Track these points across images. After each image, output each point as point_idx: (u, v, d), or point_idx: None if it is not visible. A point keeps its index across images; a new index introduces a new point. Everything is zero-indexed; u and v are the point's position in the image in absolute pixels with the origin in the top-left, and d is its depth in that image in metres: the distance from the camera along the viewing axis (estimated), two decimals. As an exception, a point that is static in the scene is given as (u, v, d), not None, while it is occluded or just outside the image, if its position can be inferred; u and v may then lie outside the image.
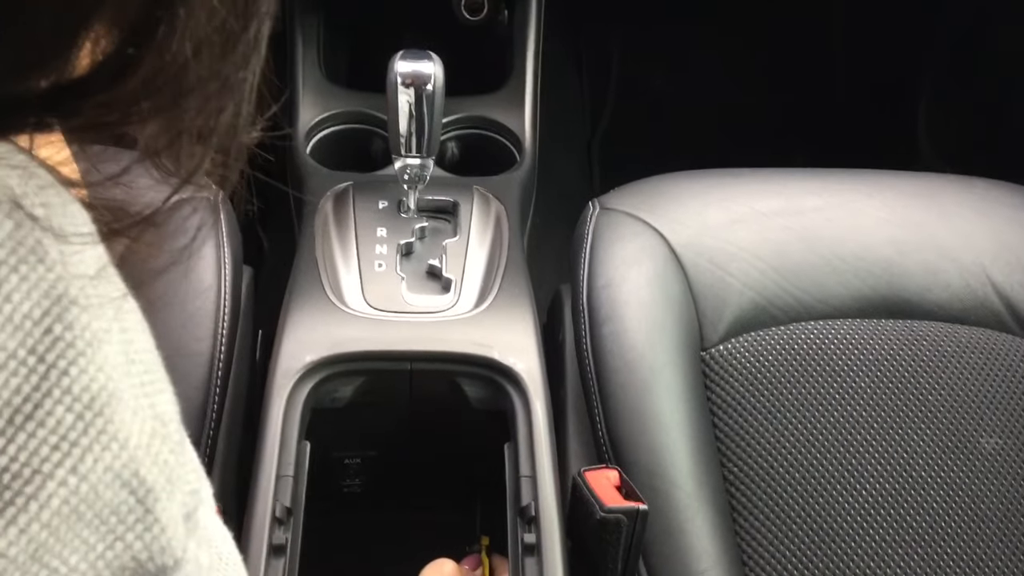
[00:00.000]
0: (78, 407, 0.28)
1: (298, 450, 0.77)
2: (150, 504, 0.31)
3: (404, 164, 0.95)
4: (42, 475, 0.28)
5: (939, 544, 0.87)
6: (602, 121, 1.84)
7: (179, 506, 0.32)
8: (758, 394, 0.91)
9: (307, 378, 0.82)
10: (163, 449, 0.32)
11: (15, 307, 0.28)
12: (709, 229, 0.99)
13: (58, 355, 0.28)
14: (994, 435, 0.92)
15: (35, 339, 0.28)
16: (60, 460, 0.28)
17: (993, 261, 1.00)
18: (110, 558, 0.30)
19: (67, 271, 0.29)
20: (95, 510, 0.29)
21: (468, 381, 0.85)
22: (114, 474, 0.29)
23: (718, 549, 0.83)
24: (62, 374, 0.28)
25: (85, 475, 0.29)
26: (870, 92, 1.83)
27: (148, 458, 0.31)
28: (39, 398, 0.28)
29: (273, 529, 0.72)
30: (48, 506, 0.28)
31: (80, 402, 0.29)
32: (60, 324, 0.28)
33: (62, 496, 0.28)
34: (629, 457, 0.86)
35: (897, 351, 0.95)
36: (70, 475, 0.28)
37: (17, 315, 0.28)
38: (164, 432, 0.32)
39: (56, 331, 0.28)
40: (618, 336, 0.92)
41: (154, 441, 0.31)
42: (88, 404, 0.29)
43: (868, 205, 1.03)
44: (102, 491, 0.29)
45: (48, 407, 0.28)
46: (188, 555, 0.32)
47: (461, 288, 0.91)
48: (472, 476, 0.92)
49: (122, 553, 0.30)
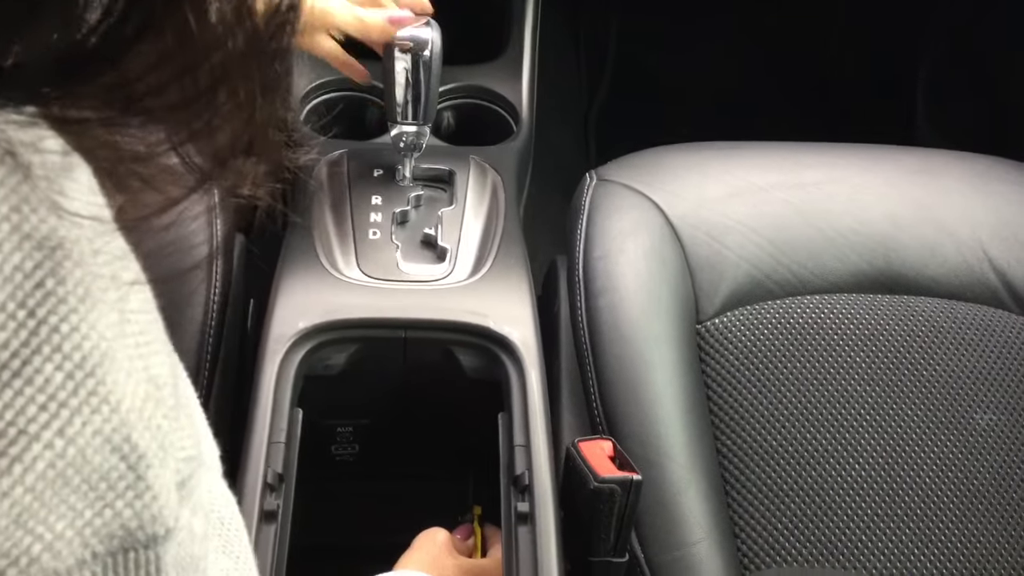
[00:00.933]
0: (68, 366, 0.27)
1: (290, 416, 0.77)
2: (141, 470, 0.29)
3: (400, 131, 0.94)
4: (27, 436, 0.26)
5: (931, 519, 0.87)
6: (599, 95, 1.83)
7: (172, 473, 0.31)
8: (753, 368, 0.91)
9: (300, 344, 0.81)
10: (156, 413, 0.30)
11: (5, 257, 0.26)
12: (707, 202, 0.98)
13: (49, 310, 0.27)
14: (988, 411, 0.92)
15: (25, 292, 0.27)
16: (47, 421, 0.27)
17: (991, 238, 1.00)
18: (98, 525, 0.29)
19: (62, 223, 0.28)
20: (83, 475, 0.28)
21: (462, 350, 0.85)
22: (104, 438, 0.28)
23: (710, 521, 0.83)
24: (53, 330, 0.27)
25: (73, 438, 0.27)
26: (870, 70, 1.82)
27: (141, 422, 0.29)
28: (28, 354, 0.26)
29: (264, 495, 0.72)
30: (33, 469, 0.27)
31: (71, 360, 0.27)
32: (53, 278, 0.27)
33: (48, 459, 0.27)
34: (623, 429, 0.85)
35: (893, 326, 0.95)
36: (57, 437, 0.27)
37: (7, 266, 0.26)
38: (158, 396, 0.31)
39: (48, 285, 0.27)
40: (614, 308, 0.91)
41: (147, 405, 0.30)
42: (79, 363, 0.27)
43: (867, 180, 1.03)
44: (91, 455, 0.28)
45: (37, 364, 0.27)
46: (181, 523, 0.31)
47: (456, 257, 0.91)
48: (465, 445, 0.92)
49: (111, 520, 0.29)
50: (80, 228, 0.28)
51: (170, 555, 0.31)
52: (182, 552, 0.32)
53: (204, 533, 0.34)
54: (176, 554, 0.31)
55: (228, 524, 0.40)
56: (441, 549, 0.79)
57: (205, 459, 0.34)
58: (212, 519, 0.35)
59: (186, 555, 0.32)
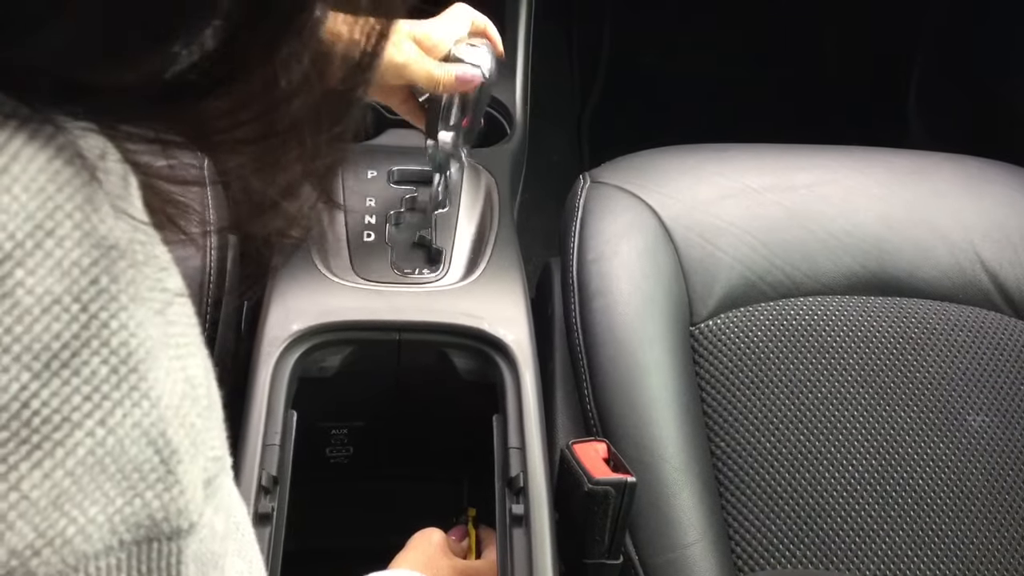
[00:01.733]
0: (114, 360, 0.28)
1: (284, 419, 0.77)
2: (173, 465, 0.30)
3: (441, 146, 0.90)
4: (71, 423, 0.28)
5: (924, 521, 0.87)
6: (592, 97, 1.83)
7: (200, 470, 0.32)
8: (747, 370, 0.91)
9: (294, 347, 0.81)
10: (191, 412, 0.31)
11: (66, 252, 0.28)
12: (700, 204, 0.99)
13: (101, 306, 0.28)
14: (981, 413, 0.92)
15: (81, 287, 0.28)
16: (90, 411, 0.28)
17: (983, 240, 1.00)
18: (127, 513, 0.30)
19: (119, 224, 0.29)
20: (119, 464, 0.29)
21: (457, 352, 0.85)
22: (142, 431, 0.29)
23: (704, 523, 0.83)
24: (102, 325, 0.28)
25: (113, 428, 0.29)
26: (863, 72, 1.83)
27: (176, 419, 0.31)
28: (77, 346, 0.28)
29: (259, 497, 0.71)
30: (74, 454, 0.28)
31: (117, 355, 0.28)
32: (107, 276, 0.28)
33: (88, 446, 0.28)
34: (617, 431, 0.85)
35: (886, 329, 0.95)
36: (98, 427, 0.28)
37: (67, 261, 0.28)
38: (194, 395, 0.32)
39: (103, 282, 0.28)
40: (607, 310, 0.91)
41: (184, 403, 0.31)
42: (124, 359, 0.29)
43: (860, 182, 1.03)
44: (128, 446, 0.29)
45: (85, 357, 0.28)
46: (204, 520, 0.32)
47: (450, 259, 0.90)
48: (459, 447, 0.92)
49: (140, 510, 0.30)
50: (135, 232, 0.30)
51: (192, 549, 0.32)
52: (203, 548, 0.33)
53: (225, 532, 0.35)
54: (197, 549, 0.32)
55: (242, 528, 0.41)
56: (436, 549, 0.79)
57: (225, 461, 0.35)
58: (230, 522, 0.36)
59: (207, 551, 0.33)
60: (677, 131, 1.21)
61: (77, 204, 0.28)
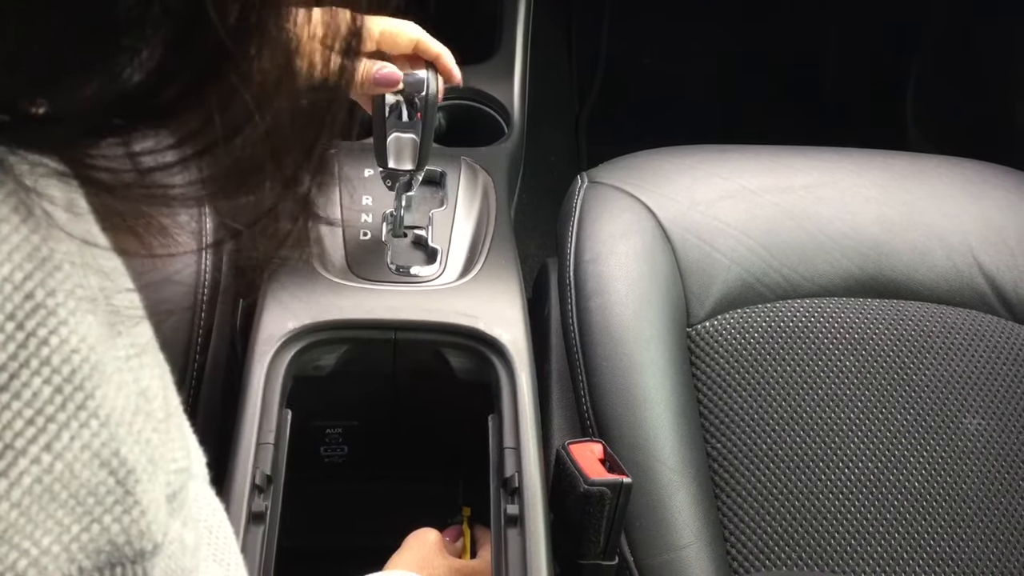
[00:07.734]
0: (57, 379, 0.27)
1: (279, 417, 0.76)
2: (130, 485, 0.29)
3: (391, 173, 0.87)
4: (14, 451, 0.26)
5: (920, 522, 0.87)
6: (590, 97, 1.83)
7: (162, 487, 0.31)
8: (743, 371, 0.91)
9: (289, 345, 0.81)
10: (146, 427, 0.30)
11: None
12: (698, 204, 0.98)
13: (38, 322, 0.26)
14: (977, 416, 0.92)
15: (15, 304, 0.26)
16: (34, 436, 0.26)
17: (980, 242, 1.00)
18: (85, 540, 0.28)
19: (52, 233, 0.27)
20: (71, 490, 0.27)
21: (453, 351, 0.84)
22: (92, 453, 0.28)
23: (700, 524, 0.83)
24: (41, 343, 0.26)
25: (60, 453, 0.27)
26: (861, 74, 1.83)
27: (130, 436, 0.29)
28: (15, 368, 0.26)
29: (253, 496, 0.71)
30: (19, 484, 0.26)
31: (59, 374, 0.27)
32: (43, 289, 0.27)
33: (34, 474, 0.26)
34: (613, 432, 0.85)
35: (883, 331, 0.95)
36: (44, 452, 0.26)
37: None
38: (148, 409, 0.30)
39: (38, 296, 0.26)
40: (604, 310, 0.91)
41: (137, 418, 0.29)
42: (68, 377, 0.27)
43: (857, 184, 1.03)
44: (79, 470, 0.27)
45: (24, 378, 0.26)
46: (170, 536, 0.31)
47: (447, 258, 0.90)
48: (455, 447, 0.92)
49: (98, 536, 0.28)
50: (72, 243, 0.28)
51: (158, 569, 0.31)
52: (172, 565, 0.31)
53: (196, 543, 0.33)
54: (165, 567, 0.31)
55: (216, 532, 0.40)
56: (431, 549, 0.78)
57: (193, 469, 0.34)
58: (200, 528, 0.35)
59: (176, 568, 0.32)
60: (675, 131, 1.21)
61: (2, 215, 0.26)
